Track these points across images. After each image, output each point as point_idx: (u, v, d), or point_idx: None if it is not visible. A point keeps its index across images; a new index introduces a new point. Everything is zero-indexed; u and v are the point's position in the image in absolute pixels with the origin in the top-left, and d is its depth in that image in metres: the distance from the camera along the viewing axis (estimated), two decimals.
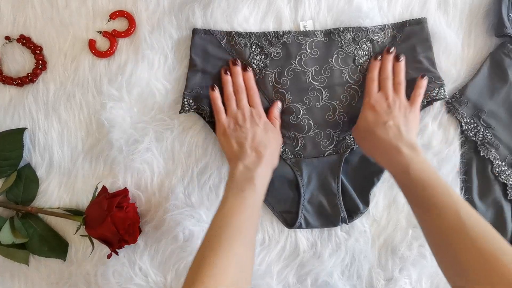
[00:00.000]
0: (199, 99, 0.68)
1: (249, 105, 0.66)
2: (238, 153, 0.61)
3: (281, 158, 0.68)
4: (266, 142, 0.62)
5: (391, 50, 0.67)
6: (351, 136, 0.68)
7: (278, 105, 0.68)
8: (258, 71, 0.69)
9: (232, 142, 0.62)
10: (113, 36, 0.70)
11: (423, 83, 0.65)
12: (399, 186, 0.57)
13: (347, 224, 0.69)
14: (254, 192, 0.57)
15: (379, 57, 0.67)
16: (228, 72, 0.67)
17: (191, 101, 0.68)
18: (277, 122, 0.67)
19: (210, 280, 0.47)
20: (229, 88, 0.67)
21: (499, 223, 0.69)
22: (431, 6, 0.70)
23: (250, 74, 0.68)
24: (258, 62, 0.69)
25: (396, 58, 0.67)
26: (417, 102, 0.64)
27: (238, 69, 0.67)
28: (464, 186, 0.70)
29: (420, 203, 0.53)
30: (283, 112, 0.68)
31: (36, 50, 0.71)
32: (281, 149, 0.68)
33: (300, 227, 0.69)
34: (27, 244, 0.70)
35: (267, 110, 0.67)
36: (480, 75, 0.69)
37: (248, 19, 0.70)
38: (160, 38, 0.70)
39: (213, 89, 0.67)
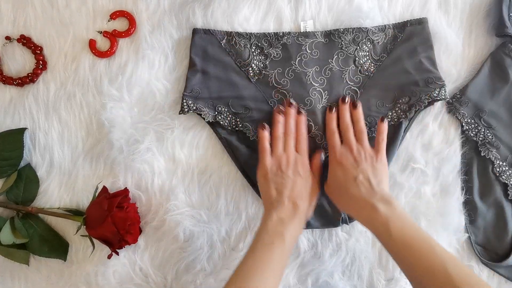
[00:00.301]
0: (198, 100, 0.68)
1: (296, 150, 0.64)
2: (275, 201, 0.60)
3: None
4: (305, 194, 0.61)
5: (346, 100, 0.66)
6: None
7: (321, 156, 0.66)
8: (257, 71, 0.69)
9: (271, 186, 0.61)
10: (113, 36, 0.70)
11: (384, 127, 0.64)
12: (382, 244, 0.56)
13: (347, 224, 0.69)
14: (284, 247, 0.56)
15: (334, 109, 0.66)
16: (281, 112, 0.65)
17: (190, 102, 0.67)
18: (318, 173, 0.66)
19: None
20: (280, 129, 0.65)
21: (499, 223, 0.69)
22: (432, 6, 0.70)
23: (303, 118, 0.66)
24: (257, 63, 0.69)
25: (353, 106, 0.66)
26: (382, 149, 0.63)
27: (293, 111, 0.66)
28: (465, 186, 0.70)
29: (405, 261, 0.53)
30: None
31: (36, 50, 0.71)
32: None
33: None
34: (28, 244, 0.70)
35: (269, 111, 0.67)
36: (480, 75, 0.69)
37: (249, 19, 0.70)
38: (161, 38, 0.70)
39: (263, 128, 0.64)
